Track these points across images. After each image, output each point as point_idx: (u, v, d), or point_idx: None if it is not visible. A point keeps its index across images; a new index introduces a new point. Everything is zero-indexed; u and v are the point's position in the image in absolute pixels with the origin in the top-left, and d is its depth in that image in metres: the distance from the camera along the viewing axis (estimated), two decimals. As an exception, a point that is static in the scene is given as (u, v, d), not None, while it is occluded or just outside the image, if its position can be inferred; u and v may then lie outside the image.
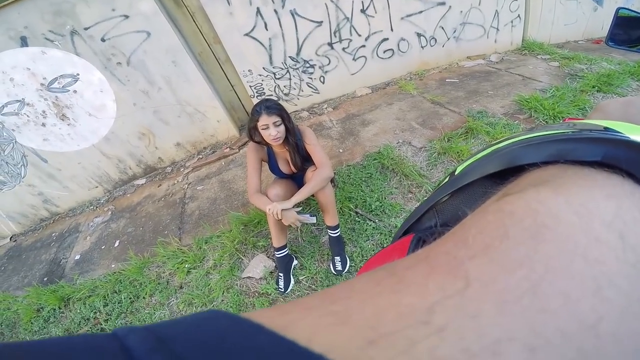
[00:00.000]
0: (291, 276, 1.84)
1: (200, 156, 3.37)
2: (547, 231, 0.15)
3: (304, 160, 1.72)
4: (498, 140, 0.29)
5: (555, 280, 0.13)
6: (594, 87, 3.22)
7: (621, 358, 0.12)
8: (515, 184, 0.22)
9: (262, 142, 1.62)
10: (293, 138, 1.62)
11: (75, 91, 2.75)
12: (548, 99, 3.03)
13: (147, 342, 0.11)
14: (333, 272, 1.82)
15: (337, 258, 1.82)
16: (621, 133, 0.22)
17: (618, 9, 0.72)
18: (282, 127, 1.55)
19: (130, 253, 2.25)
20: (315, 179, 1.61)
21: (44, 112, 2.75)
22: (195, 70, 2.99)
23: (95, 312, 1.98)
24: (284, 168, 1.78)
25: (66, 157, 2.96)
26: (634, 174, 0.20)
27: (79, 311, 2.00)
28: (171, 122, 3.17)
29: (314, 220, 1.68)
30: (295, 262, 1.90)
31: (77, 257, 2.51)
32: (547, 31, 4.87)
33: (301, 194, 1.60)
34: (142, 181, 3.26)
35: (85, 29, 2.56)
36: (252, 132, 1.59)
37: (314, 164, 1.70)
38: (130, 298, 1.99)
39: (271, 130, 1.50)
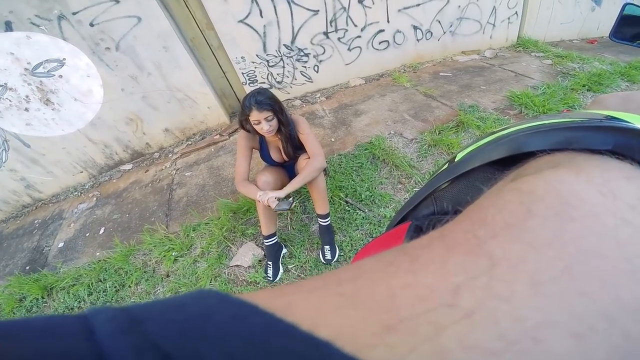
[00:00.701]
0: (280, 265, 1.84)
1: (190, 142, 3.34)
2: (572, 210, 0.15)
3: (296, 148, 1.72)
4: (499, 129, 0.29)
5: (589, 261, 0.12)
6: (584, 86, 3.29)
7: None
8: (526, 167, 0.22)
9: (253, 132, 1.61)
10: (286, 128, 1.60)
11: (60, 76, 2.68)
12: (539, 95, 3.08)
13: (116, 322, 0.09)
14: (322, 261, 1.83)
15: (327, 247, 1.83)
16: (628, 122, 0.22)
17: (625, 5, 0.73)
18: (275, 121, 1.53)
19: (115, 240, 2.22)
20: (308, 169, 1.61)
21: (27, 96, 2.69)
22: (186, 55, 2.95)
23: (79, 302, 1.95)
24: (275, 156, 1.78)
25: (50, 142, 2.90)
26: None
27: (62, 300, 1.97)
28: (160, 108, 3.13)
29: (287, 206, 1.62)
30: (284, 250, 1.91)
31: (61, 244, 2.47)
32: (542, 29, 4.93)
33: (293, 185, 1.60)
34: (128, 166, 3.22)
35: (74, 13, 2.50)
36: (243, 122, 1.57)
37: (306, 152, 1.71)
38: (115, 287, 1.96)
39: (263, 125, 1.49)
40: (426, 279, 0.12)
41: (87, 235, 2.48)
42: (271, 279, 1.78)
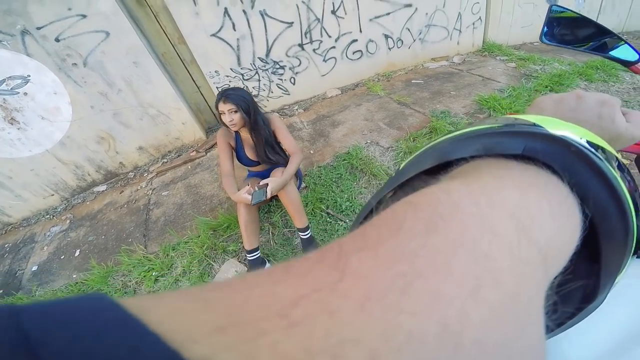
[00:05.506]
0: None
1: (165, 160, 3.34)
2: (441, 222, 0.15)
3: (272, 149, 1.84)
4: (440, 136, 0.31)
5: (431, 278, 0.13)
6: (546, 87, 3.55)
7: None
8: (440, 179, 0.24)
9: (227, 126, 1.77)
10: (254, 125, 1.73)
11: (25, 93, 2.64)
12: (506, 98, 3.31)
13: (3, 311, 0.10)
14: None
15: None
16: (543, 128, 0.23)
17: (551, 7, 0.80)
18: (238, 115, 1.67)
19: (92, 262, 2.22)
20: (289, 169, 1.76)
21: (-11, 115, 2.61)
22: (157, 71, 2.97)
23: None
24: (249, 154, 1.89)
25: (17, 164, 2.83)
26: (551, 165, 0.21)
27: None
28: (133, 125, 3.12)
29: (263, 196, 1.66)
30: (268, 265, 1.96)
31: (35, 268, 2.42)
32: (505, 33, 5.25)
33: (286, 175, 1.74)
34: (102, 188, 3.17)
35: (38, 28, 2.49)
36: (218, 116, 1.73)
37: (281, 164, 1.84)
38: (94, 309, 1.95)
39: (227, 116, 1.66)
40: (280, 290, 0.13)
41: (62, 257, 2.45)
42: None
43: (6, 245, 2.77)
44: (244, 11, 3.15)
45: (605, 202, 0.20)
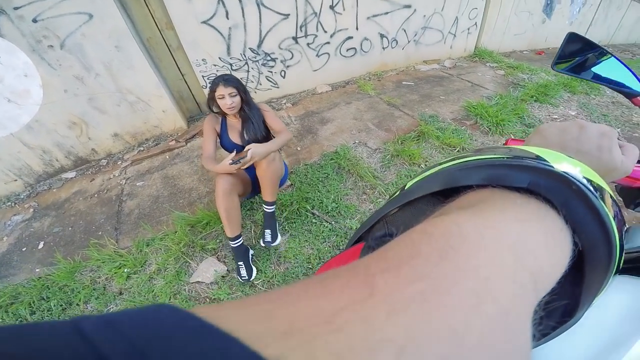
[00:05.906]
0: (252, 265, 1.87)
1: (142, 148, 3.21)
2: (451, 251, 0.19)
3: (260, 133, 1.87)
4: (448, 159, 0.33)
5: (442, 294, 0.16)
6: (532, 97, 3.65)
7: None
8: (448, 206, 0.26)
9: (220, 113, 1.82)
10: (249, 108, 1.81)
11: (-7, 74, 2.46)
12: (493, 106, 3.36)
13: (98, 323, 0.12)
14: (262, 244, 1.99)
15: (268, 231, 1.98)
16: (547, 162, 0.25)
17: (569, 33, 0.78)
18: (237, 98, 1.73)
19: (57, 256, 2.09)
20: (279, 141, 1.83)
21: (-49, 95, 2.43)
22: (140, 56, 2.86)
23: (21, 321, 1.81)
24: (233, 137, 1.87)
25: (-23, 147, 2.64)
26: (551, 200, 0.24)
27: (1, 320, 1.83)
28: (109, 111, 2.99)
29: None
30: (252, 251, 1.94)
31: (-8, 260, 2.25)
32: (497, 40, 5.38)
33: (272, 144, 1.77)
34: (71, 174, 3.02)
35: (15, 8, 2.34)
36: (210, 102, 1.78)
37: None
38: (61, 305, 1.85)
39: (227, 99, 1.70)
40: (323, 303, 0.16)
41: (23, 249, 2.30)
42: (247, 278, 1.80)
43: (-40, 234, 2.59)
44: (239, -1, 3.07)
45: (597, 236, 0.24)
